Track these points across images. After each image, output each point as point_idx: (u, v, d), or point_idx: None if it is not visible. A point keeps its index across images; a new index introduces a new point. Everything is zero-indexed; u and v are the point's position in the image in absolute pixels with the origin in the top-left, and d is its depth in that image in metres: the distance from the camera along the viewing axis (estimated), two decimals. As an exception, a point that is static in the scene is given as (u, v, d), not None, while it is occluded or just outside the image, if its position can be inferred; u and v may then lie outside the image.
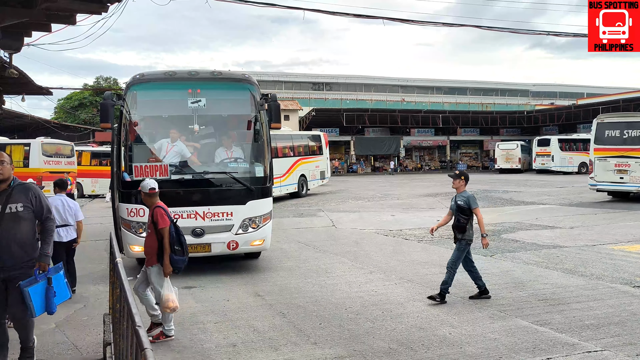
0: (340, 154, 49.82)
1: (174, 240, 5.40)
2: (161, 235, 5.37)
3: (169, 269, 5.37)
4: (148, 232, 5.56)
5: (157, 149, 8.24)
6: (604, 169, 18.04)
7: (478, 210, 6.57)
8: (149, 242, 5.50)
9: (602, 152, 18.23)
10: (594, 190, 18.79)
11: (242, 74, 9.02)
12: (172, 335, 5.43)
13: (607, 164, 17.91)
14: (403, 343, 5.14)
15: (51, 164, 20.44)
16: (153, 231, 5.43)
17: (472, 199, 6.60)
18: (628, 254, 9.28)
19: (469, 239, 6.57)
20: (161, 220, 5.37)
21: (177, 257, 5.41)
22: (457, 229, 6.62)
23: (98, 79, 55.68)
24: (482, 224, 6.57)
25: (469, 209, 6.56)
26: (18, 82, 14.48)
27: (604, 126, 18.41)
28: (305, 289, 7.37)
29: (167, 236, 5.35)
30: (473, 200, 6.59)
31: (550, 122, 47.18)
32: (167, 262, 5.35)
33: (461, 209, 6.61)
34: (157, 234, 5.40)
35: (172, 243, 5.39)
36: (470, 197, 6.61)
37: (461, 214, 6.60)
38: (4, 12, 8.88)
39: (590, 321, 5.64)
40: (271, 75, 66.05)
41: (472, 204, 6.56)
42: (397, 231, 12.69)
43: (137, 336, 2.20)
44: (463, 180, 6.73)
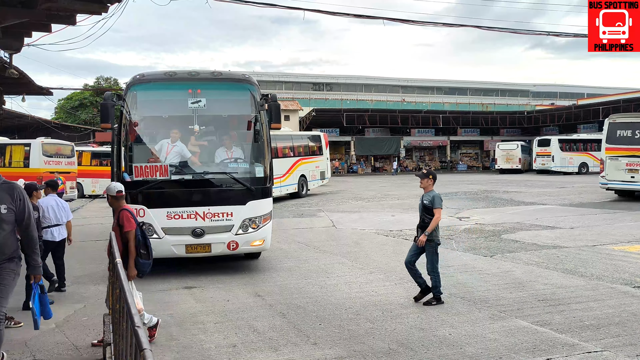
0: (341, 154, 49.80)
1: (139, 243, 5.34)
2: (126, 238, 5.29)
3: (134, 272, 5.30)
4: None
5: (157, 149, 8.24)
6: (615, 168, 18.28)
7: (439, 211, 6.50)
8: None
9: (613, 152, 18.42)
10: (605, 188, 19.01)
11: (242, 74, 9.03)
12: (155, 321, 5.36)
13: (618, 163, 18.15)
14: (403, 343, 5.14)
15: (51, 164, 20.45)
16: (118, 234, 5.32)
17: (437, 198, 6.54)
18: (628, 254, 9.27)
19: (436, 240, 6.53)
20: (127, 223, 5.29)
21: (143, 260, 5.35)
22: (422, 229, 6.56)
23: (98, 79, 55.70)
24: (433, 224, 6.46)
25: (432, 207, 6.50)
26: (18, 82, 14.50)
27: (616, 126, 18.57)
28: (305, 289, 7.37)
29: (132, 239, 5.28)
30: (437, 200, 6.53)
31: (550, 123, 47.15)
32: (132, 265, 5.28)
33: (426, 209, 6.56)
34: (122, 237, 5.31)
35: (138, 246, 5.32)
36: (436, 197, 6.55)
37: (426, 214, 6.54)
38: (5, 12, 8.90)
39: (591, 321, 5.64)
40: (271, 76, 66.08)
41: (435, 203, 6.50)
42: (397, 231, 12.69)
43: (136, 336, 2.19)
44: (431, 179, 6.69)
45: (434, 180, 6.73)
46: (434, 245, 6.53)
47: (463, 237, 11.60)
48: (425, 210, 6.58)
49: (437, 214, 6.48)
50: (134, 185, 7.87)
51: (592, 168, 39.12)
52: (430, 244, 6.51)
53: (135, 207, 7.82)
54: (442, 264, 8.77)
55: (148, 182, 7.85)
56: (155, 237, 7.86)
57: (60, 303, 6.86)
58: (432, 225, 6.45)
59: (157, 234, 7.86)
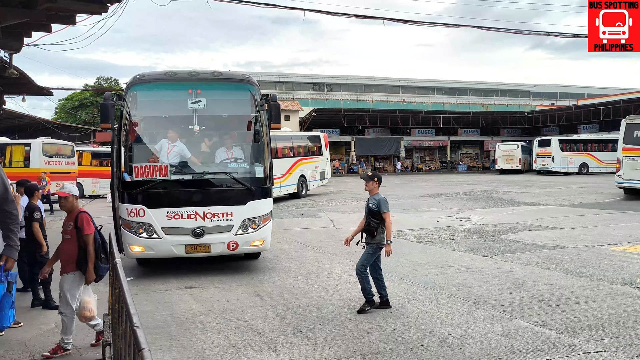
0: (341, 155, 49.80)
1: (99, 247, 5.23)
2: (84, 241, 5.17)
3: (93, 276, 5.19)
4: (67, 238, 5.27)
5: (157, 149, 8.24)
6: (631, 168, 18.67)
7: (388, 215, 6.31)
8: (68, 249, 5.23)
9: (630, 152, 18.78)
10: (620, 187, 19.51)
11: (242, 74, 9.02)
12: (70, 349, 5.18)
13: (635, 162, 18.51)
14: (403, 344, 5.13)
15: (52, 164, 20.47)
16: (74, 237, 5.20)
17: (383, 202, 6.33)
18: (628, 254, 9.27)
19: (379, 243, 6.31)
20: (87, 227, 5.17)
21: (103, 265, 5.24)
22: (367, 233, 6.36)
23: (99, 79, 55.78)
24: (389, 230, 6.29)
25: (379, 212, 6.30)
26: (18, 83, 14.52)
27: (633, 127, 18.88)
28: (305, 289, 7.36)
29: (92, 243, 5.17)
30: (384, 204, 6.32)
31: (550, 123, 47.15)
32: (92, 269, 5.17)
33: (372, 212, 6.34)
34: (79, 241, 5.18)
35: (98, 250, 5.21)
36: (382, 200, 6.34)
37: (372, 218, 6.33)
38: (5, 12, 8.90)
39: (590, 322, 5.64)
40: (272, 76, 66.08)
41: (382, 207, 6.30)
42: (397, 232, 12.68)
43: (135, 336, 2.19)
44: (376, 182, 6.49)
45: (379, 183, 6.52)
46: (375, 248, 6.32)
47: (463, 237, 11.59)
48: (371, 214, 6.34)
49: (386, 218, 6.28)
50: (134, 185, 7.87)
51: (593, 168, 39.15)
52: (372, 245, 6.32)
53: (135, 207, 7.84)
54: (443, 264, 8.81)
55: (148, 182, 7.84)
56: (155, 237, 7.86)
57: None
58: (389, 232, 6.26)
59: (157, 234, 7.86)
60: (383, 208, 6.31)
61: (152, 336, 5.41)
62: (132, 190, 7.88)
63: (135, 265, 9.04)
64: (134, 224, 7.87)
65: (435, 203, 19.36)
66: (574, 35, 16.82)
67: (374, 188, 6.49)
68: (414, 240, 11.35)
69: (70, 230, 5.25)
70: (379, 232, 6.31)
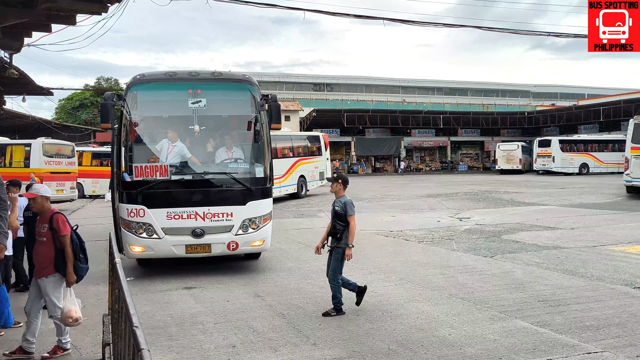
0: (341, 155, 49.84)
1: (77, 247, 5.14)
2: (61, 242, 5.07)
3: (74, 277, 5.10)
4: (42, 241, 5.15)
5: (158, 149, 8.24)
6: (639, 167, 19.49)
7: (353, 218, 6.16)
8: (44, 251, 5.11)
9: (639, 151, 19.47)
10: (629, 186, 20.21)
11: (242, 74, 9.02)
12: (69, 348, 5.14)
13: None
14: (402, 344, 5.13)
15: (52, 164, 20.45)
16: (50, 239, 5.09)
17: (348, 204, 6.19)
18: (628, 255, 9.26)
19: (344, 247, 6.15)
20: (63, 227, 5.08)
21: (82, 265, 5.16)
22: (333, 236, 6.23)
23: (99, 80, 55.83)
24: (352, 233, 6.14)
25: (345, 215, 6.15)
26: (19, 83, 14.52)
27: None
28: (305, 289, 7.36)
29: (69, 244, 5.07)
30: (350, 207, 6.18)
31: (551, 123, 47.18)
32: (71, 271, 5.08)
33: (338, 215, 6.21)
34: (55, 242, 5.08)
35: (76, 251, 5.12)
36: (347, 203, 6.20)
37: (338, 221, 6.19)
38: (5, 12, 8.90)
39: (591, 322, 5.63)
40: (272, 76, 66.09)
41: (348, 210, 6.15)
42: (397, 232, 12.68)
43: (135, 337, 2.19)
44: (340, 184, 6.33)
45: (345, 185, 6.38)
46: (342, 253, 6.17)
47: (463, 237, 11.59)
48: (337, 216, 6.21)
49: (351, 221, 6.15)
50: (134, 185, 7.87)
51: (593, 169, 39.16)
52: (338, 250, 6.19)
53: (135, 207, 7.84)
54: (443, 264, 8.80)
55: (148, 182, 7.84)
56: (155, 237, 7.86)
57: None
58: (352, 236, 6.13)
59: (157, 234, 7.86)
60: (349, 211, 6.15)
61: (152, 336, 5.42)
62: (132, 191, 7.88)
63: (136, 265, 9.04)
64: (134, 224, 7.87)
65: (435, 203, 19.36)
66: (574, 36, 16.82)
67: (339, 190, 6.33)
68: (414, 241, 11.34)
69: (45, 232, 5.12)
70: (344, 235, 6.15)
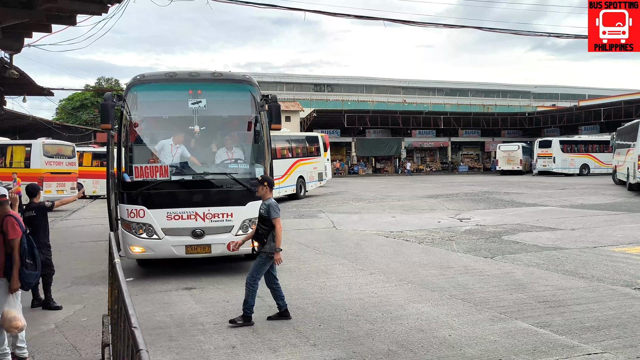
0: (342, 155, 49.82)
1: (25, 252, 4.95)
2: (11, 246, 4.91)
3: (17, 284, 4.89)
4: None
5: (159, 150, 8.23)
6: None
7: (278, 221, 5.97)
8: None
9: None
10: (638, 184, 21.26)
11: (242, 75, 9.02)
12: (26, 355, 4.92)
13: None
14: (403, 345, 5.13)
15: (52, 164, 20.47)
16: (1, 242, 4.93)
17: (273, 207, 6.01)
18: (629, 256, 9.25)
19: (269, 252, 5.98)
20: (12, 231, 4.89)
21: (29, 271, 4.97)
22: (256, 239, 6.06)
23: (99, 80, 55.87)
24: (278, 237, 5.96)
25: (269, 218, 5.99)
26: (19, 83, 14.54)
27: None
28: (305, 290, 7.36)
29: (17, 248, 4.89)
30: (274, 209, 6.00)
31: (551, 124, 47.13)
32: (16, 276, 4.87)
33: (262, 218, 6.05)
34: (5, 246, 4.92)
35: (23, 256, 4.93)
36: (272, 205, 6.02)
37: (261, 224, 6.04)
38: (5, 12, 8.91)
39: (591, 323, 5.62)
40: (272, 77, 66.09)
41: (272, 213, 5.98)
42: (397, 233, 12.68)
43: (133, 337, 2.19)
44: (266, 186, 6.16)
45: (270, 187, 6.21)
46: (265, 257, 6.01)
47: (464, 238, 11.58)
48: (261, 219, 6.07)
49: (276, 224, 5.97)
50: (134, 186, 7.87)
51: (594, 169, 39.10)
52: (262, 255, 6.03)
53: (135, 208, 7.84)
54: (443, 265, 8.79)
55: (148, 182, 7.85)
56: (155, 237, 7.87)
57: (59, 304, 6.86)
58: (278, 239, 5.96)
59: (157, 235, 7.86)
60: (272, 214, 5.98)
61: (151, 337, 5.41)
62: (132, 191, 7.88)
63: (136, 266, 9.04)
64: (134, 225, 7.87)
65: (435, 204, 19.35)
66: (575, 37, 16.85)
67: (265, 193, 6.15)
68: (415, 241, 11.34)
69: None
70: (269, 239, 5.98)
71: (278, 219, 6.01)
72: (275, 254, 5.95)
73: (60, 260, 8.99)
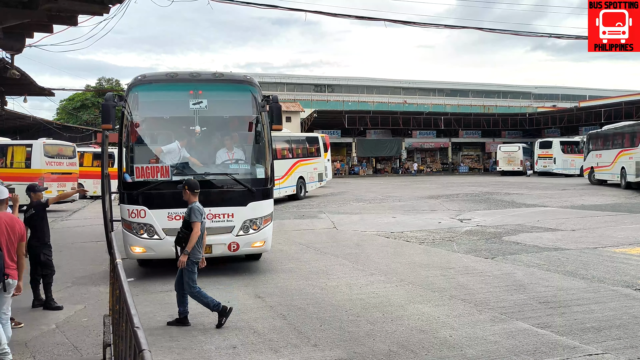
0: (342, 156, 49.82)
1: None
2: None
3: None
4: None
5: (165, 153, 8.22)
6: None
7: (195, 225, 5.92)
8: None
9: None
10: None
11: (243, 75, 9.02)
12: None
13: None
14: (403, 345, 5.13)
15: (53, 165, 20.47)
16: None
17: (193, 210, 5.97)
18: (630, 256, 9.25)
19: (192, 257, 5.94)
20: None
21: None
22: (177, 244, 6.01)
23: (100, 80, 55.88)
24: (191, 240, 5.88)
25: (189, 221, 5.96)
26: (20, 83, 14.56)
27: None
28: (305, 290, 7.36)
29: None
30: (193, 212, 5.96)
31: (552, 125, 47.10)
32: None
33: (185, 223, 6.03)
34: None
35: None
36: (192, 209, 5.98)
37: (183, 228, 6.00)
38: (6, 12, 8.91)
39: (592, 324, 5.62)
40: (273, 77, 66.12)
41: (192, 216, 5.94)
42: (398, 233, 12.67)
43: (136, 337, 2.19)
44: (186, 190, 6.16)
45: (191, 190, 6.16)
46: (190, 262, 5.93)
47: (464, 239, 11.58)
48: (184, 223, 6.04)
49: (194, 228, 5.91)
50: (135, 186, 7.88)
51: (594, 170, 39.07)
52: (188, 262, 5.95)
53: (136, 208, 7.84)
54: (444, 265, 8.79)
55: (149, 182, 7.85)
56: (156, 238, 7.87)
57: (60, 304, 6.86)
58: (190, 242, 5.89)
59: (158, 235, 7.87)
60: (192, 217, 5.95)
61: (152, 337, 5.41)
62: (134, 191, 7.88)
63: (136, 266, 9.04)
64: (135, 225, 7.88)
65: (436, 204, 19.35)
66: (576, 37, 16.82)
67: (188, 197, 6.14)
68: (415, 242, 11.34)
69: None
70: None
71: (196, 223, 5.94)
72: (181, 255, 5.90)
73: (61, 260, 8.99)
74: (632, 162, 23.09)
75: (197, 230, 5.94)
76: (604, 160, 26.92)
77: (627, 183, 23.77)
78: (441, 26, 39.37)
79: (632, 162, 23.02)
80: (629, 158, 23.44)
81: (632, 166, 23.02)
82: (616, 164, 25.16)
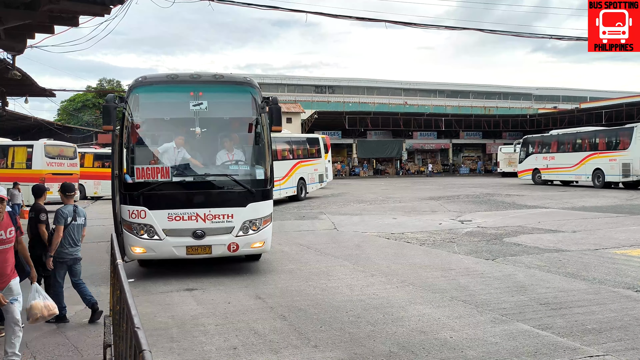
0: (343, 157, 49.86)
1: None
2: None
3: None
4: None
5: (162, 153, 8.24)
6: None
7: (57, 229, 6.11)
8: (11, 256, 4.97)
9: None
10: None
11: (243, 76, 9.03)
12: None
13: None
14: (404, 346, 5.12)
15: (54, 165, 20.52)
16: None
17: (58, 213, 6.15)
18: (630, 258, 9.24)
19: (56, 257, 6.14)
20: None
21: None
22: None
23: (101, 81, 56.00)
24: (54, 242, 6.09)
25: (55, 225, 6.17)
26: (21, 84, 14.58)
27: None
28: (306, 291, 7.35)
29: None
30: (57, 216, 6.14)
31: (553, 126, 47.05)
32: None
33: None
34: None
35: None
36: (58, 212, 6.16)
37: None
38: (7, 13, 8.93)
39: (592, 325, 5.61)
40: (273, 78, 66.18)
41: (55, 220, 6.14)
42: (398, 234, 12.67)
43: (136, 337, 2.19)
44: (60, 192, 6.39)
45: (64, 193, 6.37)
46: (54, 262, 6.15)
47: (465, 240, 11.58)
48: None
49: (55, 231, 6.14)
50: (135, 187, 7.89)
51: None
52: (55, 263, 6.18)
53: (137, 209, 7.85)
54: (444, 266, 8.79)
55: (149, 183, 7.86)
56: (156, 238, 7.88)
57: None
58: (53, 244, 6.09)
59: (158, 236, 7.87)
60: (55, 221, 6.14)
61: (153, 338, 5.41)
62: (134, 192, 7.89)
63: (137, 266, 9.05)
64: (135, 225, 7.88)
65: (437, 206, 19.34)
66: (576, 39, 16.78)
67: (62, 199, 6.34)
68: (416, 243, 11.33)
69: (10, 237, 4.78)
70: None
71: (59, 227, 6.12)
72: (48, 259, 6.11)
73: (62, 261, 8.97)
74: (615, 163, 26.00)
75: (59, 234, 6.12)
76: (559, 162, 29.63)
77: (606, 183, 26.68)
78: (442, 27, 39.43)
79: (616, 164, 25.87)
80: (609, 160, 26.39)
81: (616, 167, 25.88)
82: (583, 166, 27.82)
